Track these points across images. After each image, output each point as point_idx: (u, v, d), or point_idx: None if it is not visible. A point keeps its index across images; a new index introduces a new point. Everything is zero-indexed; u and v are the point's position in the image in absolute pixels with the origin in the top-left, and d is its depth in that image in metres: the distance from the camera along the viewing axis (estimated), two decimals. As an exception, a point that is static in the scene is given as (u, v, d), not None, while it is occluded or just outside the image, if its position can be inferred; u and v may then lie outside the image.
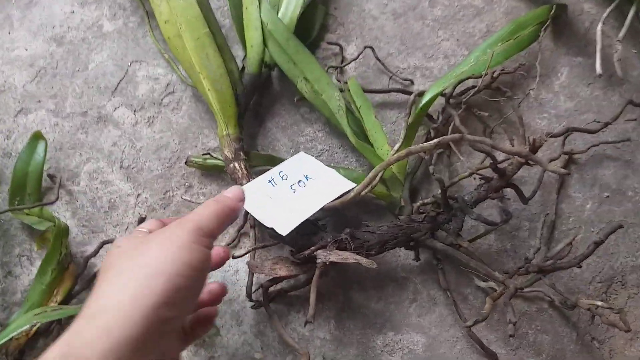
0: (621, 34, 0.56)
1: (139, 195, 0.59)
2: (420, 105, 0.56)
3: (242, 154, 0.54)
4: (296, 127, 0.61)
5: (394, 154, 0.53)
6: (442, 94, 0.56)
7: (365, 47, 0.62)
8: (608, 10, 0.57)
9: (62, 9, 0.66)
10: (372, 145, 0.57)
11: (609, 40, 0.63)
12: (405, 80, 0.62)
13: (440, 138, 0.45)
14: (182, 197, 0.58)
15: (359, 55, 0.61)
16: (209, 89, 0.54)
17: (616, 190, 0.58)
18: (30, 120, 0.61)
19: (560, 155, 0.57)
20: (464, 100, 0.55)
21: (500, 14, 0.65)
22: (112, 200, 0.59)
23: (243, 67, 0.60)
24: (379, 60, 0.62)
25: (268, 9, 0.59)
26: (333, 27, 0.65)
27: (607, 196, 0.58)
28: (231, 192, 0.43)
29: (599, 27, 0.57)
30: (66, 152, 0.60)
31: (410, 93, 0.60)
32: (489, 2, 0.65)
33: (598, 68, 0.56)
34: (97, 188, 0.59)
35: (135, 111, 0.61)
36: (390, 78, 0.63)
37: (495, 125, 0.60)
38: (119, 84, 0.62)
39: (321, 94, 0.57)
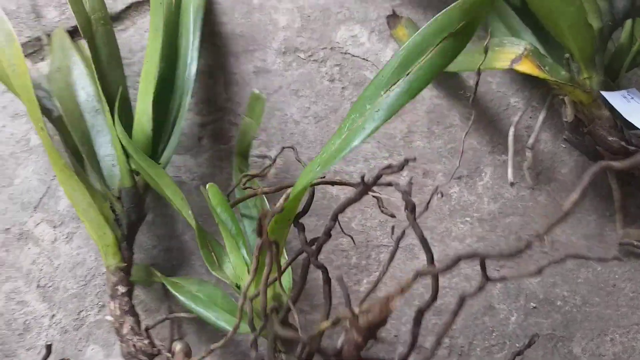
0: (530, 141, 0.54)
1: (53, 316, 0.58)
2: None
3: (119, 288, 0.51)
4: (212, 239, 0.60)
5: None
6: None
7: (283, 148, 0.61)
8: (520, 114, 0.56)
9: (-5, 123, 0.68)
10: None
11: (542, 135, 0.62)
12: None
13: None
14: (105, 317, 0.57)
15: (276, 156, 0.60)
16: (83, 220, 0.52)
17: (544, 300, 0.55)
18: (-44, 239, 0.62)
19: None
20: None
21: (422, 113, 0.64)
22: (27, 321, 0.58)
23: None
24: (299, 161, 0.61)
25: (118, 124, 0.56)
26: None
27: (534, 307, 0.55)
28: None
29: (511, 131, 0.56)
30: (-14, 271, 0.61)
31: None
32: (410, 101, 0.64)
33: (510, 176, 0.54)
34: (13, 309, 0.59)
35: (55, 227, 0.62)
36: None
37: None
38: (41, 199, 0.63)
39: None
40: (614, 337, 0.54)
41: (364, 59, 0.67)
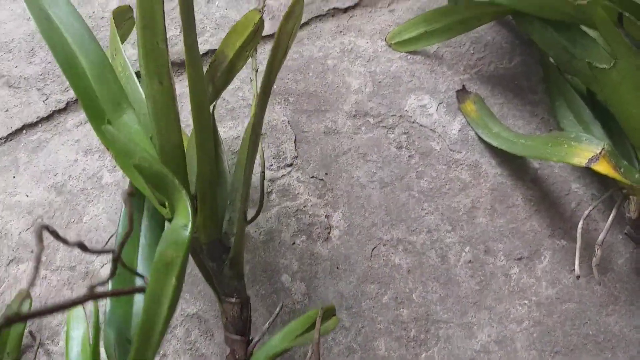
0: (600, 238, 0.56)
1: None
2: None
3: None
4: (275, 296, 0.62)
5: None
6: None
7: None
8: (590, 209, 0.58)
9: (67, 156, 0.69)
10: None
11: (594, 224, 0.64)
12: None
13: None
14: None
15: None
16: None
17: (596, 389, 0.57)
18: (21, 271, 0.63)
19: None
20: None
21: (486, 190, 0.66)
22: (88, 363, 0.59)
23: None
24: None
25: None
26: (322, 192, 0.67)
27: (586, 396, 0.57)
28: None
29: (580, 225, 0.58)
30: (50, 307, 0.62)
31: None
32: (475, 177, 0.66)
33: (577, 270, 0.56)
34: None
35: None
36: (373, 249, 0.64)
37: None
38: (109, 239, 0.64)
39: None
40: None
41: (431, 129, 0.69)
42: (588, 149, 0.55)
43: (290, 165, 0.68)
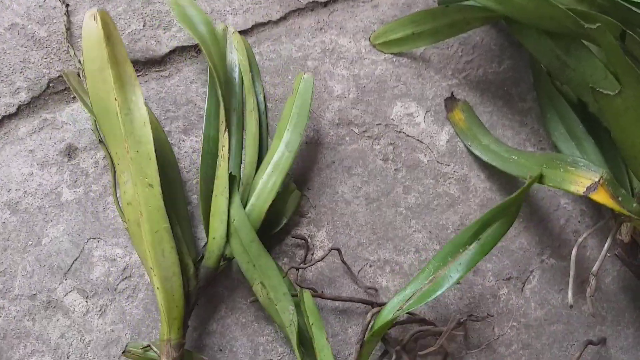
0: (595, 268, 0.54)
1: (84, 397, 0.55)
2: (374, 329, 0.53)
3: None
4: (257, 324, 0.58)
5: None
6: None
7: (330, 249, 0.59)
8: (584, 236, 0.56)
9: (20, 169, 0.62)
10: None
11: (584, 241, 0.62)
12: (370, 289, 0.60)
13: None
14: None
15: (323, 257, 0.58)
16: (157, 288, 0.51)
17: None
18: (-26, 300, 0.58)
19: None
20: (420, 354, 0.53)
21: (475, 206, 0.63)
22: (55, 402, 0.55)
23: (202, 257, 0.57)
24: (345, 264, 0.60)
25: (238, 205, 0.56)
26: (305, 210, 0.63)
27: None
28: None
29: (574, 252, 0.56)
30: (10, 341, 0.57)
31: (372, 303, 0.57)
32: (464, 191, 0.64)
33: (570, 299, 0.55)
34: (39, 387, 0.56)
35: (87, 297, 0.58)
36: (356, 282, 0.60)
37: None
38: (72, 264, 0.59)
39: (275, 303, 0.54)
40: None
41: (418, 140, 0.65)
42: (586, 176, 0.52)
43: (270, 179, 0.63)
